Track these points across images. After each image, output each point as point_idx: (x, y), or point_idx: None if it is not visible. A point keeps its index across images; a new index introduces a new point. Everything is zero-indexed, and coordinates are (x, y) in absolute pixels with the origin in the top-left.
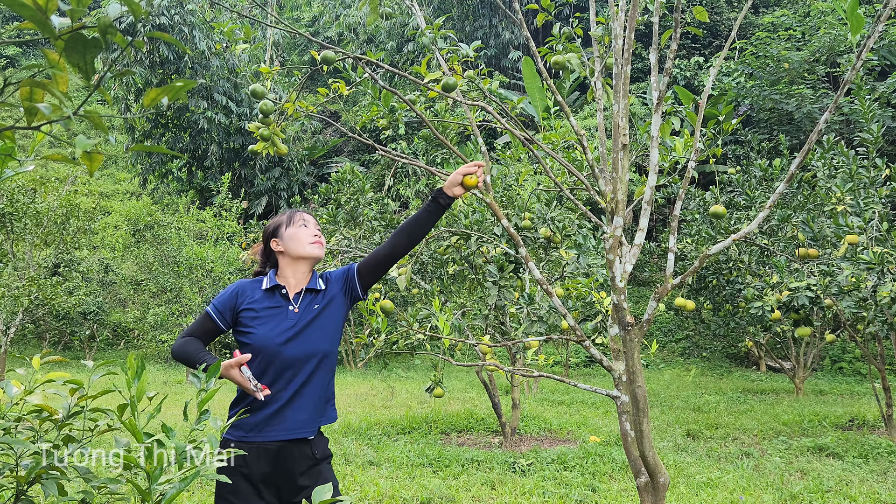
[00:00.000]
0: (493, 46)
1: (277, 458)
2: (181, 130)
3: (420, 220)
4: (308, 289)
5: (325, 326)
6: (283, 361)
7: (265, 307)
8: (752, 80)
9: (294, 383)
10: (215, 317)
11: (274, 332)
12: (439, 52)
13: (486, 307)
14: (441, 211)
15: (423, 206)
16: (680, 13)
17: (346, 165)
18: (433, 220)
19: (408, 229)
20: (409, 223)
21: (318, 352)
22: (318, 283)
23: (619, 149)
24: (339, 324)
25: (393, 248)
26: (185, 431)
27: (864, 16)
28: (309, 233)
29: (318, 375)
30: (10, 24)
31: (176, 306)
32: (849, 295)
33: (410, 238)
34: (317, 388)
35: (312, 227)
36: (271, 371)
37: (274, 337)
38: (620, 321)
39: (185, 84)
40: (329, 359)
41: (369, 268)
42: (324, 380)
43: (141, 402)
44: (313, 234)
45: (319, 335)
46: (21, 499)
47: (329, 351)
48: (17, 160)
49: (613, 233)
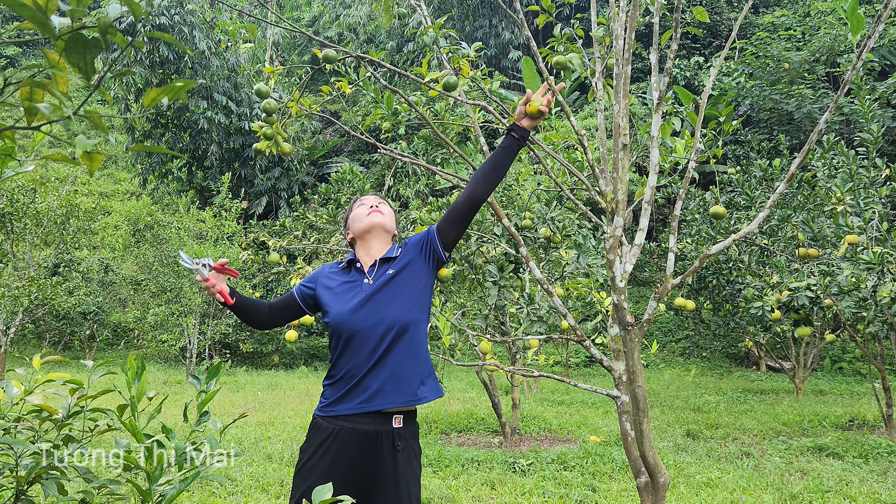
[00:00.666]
0: (493, 46)
1: (360, 440)
2: (181, 130)
3: (498, 159)
4: (383, 258)
5: (402, 292)
6: (356, 333)
7: (340, 283)
8: (752, 80)
9: (374, 355)
10: (296, 295)
11: (347, 306)
12: (441, 51)
13: (486, 307)
14: (517, 146)
15: (500, 144)
16: (680, 13)
17: (346, 165)
18: (510, 158)
19: (484, 172)
20: (485, 166)
21: (393, 319)
22: (395, 251)
23: (620, 149)
24: (420, 289)
25: (471, 196)
26: (185, 432)
27: (864, 16)
28: (365, 208)
29: (400, 345)
30: (10, 24)
31: (176, 306)
32: (849, 295)
33: (487, 182)
34: (401, 358)
35: (370, 202)
36: (351, 347)
37: (346, 310)
38: (620, 321)
39: (185, 84)
40: (412, 328)
41: (449, 223)
42: (409, 350)
43: (141, 402)
44: (370, 206)
45: (395, 302)
46: (21, 499)
47: (409, 319)
48: (17, 160)
49: (613, 233)
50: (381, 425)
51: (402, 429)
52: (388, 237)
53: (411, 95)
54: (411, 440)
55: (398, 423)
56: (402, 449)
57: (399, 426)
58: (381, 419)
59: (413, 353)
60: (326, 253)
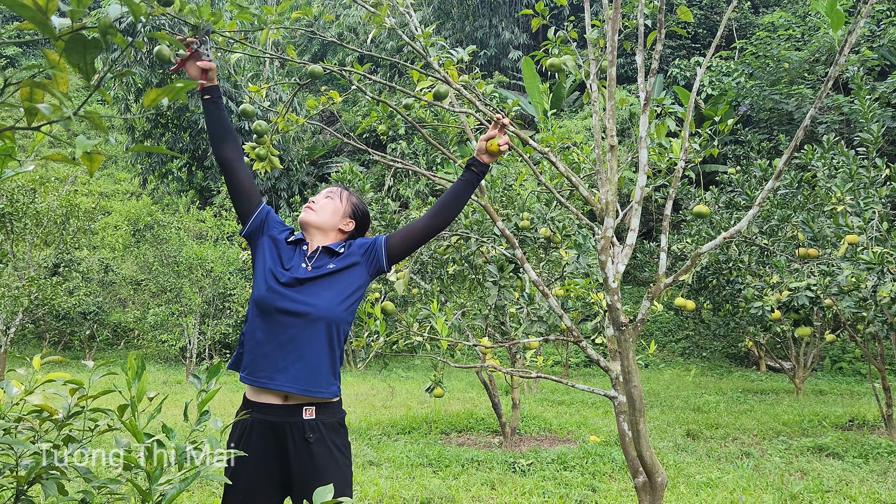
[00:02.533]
0: (493, 46)
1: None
2: (181, 130)
3: (458, 192)
4: (325, 248)
5: (336, 288)
6: (282, 311)
7: (283, 248)
8: (752, 80)
9: (292, 339)
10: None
11: (279, 280)
12: (432, 58)
13: (486, 307)
14: (476, 180)
15: (460, 177)
16: (662, 14)
17: (346, 165)
18: (470, 191)
19: (444, 204)
20: (445, 198)
21: (322, 311)
22: (340, 246)
23: (607, 150)
24: (353, 290)
25: (429, 226)
26: (186, 432)
27: (843, 11)
28: (309, 200)
29: (318, 338)
30: (10, 24)
31: (176, 306)
32: (849, 295)
33: (446, 214)
34: (317, 351)
35: (319, 195)
36: (272, 321)
37: (277, 285)
38: (614, 322)
39: (185, 84)
40: (338, 325)
41: (402, 242)
42: (324, 346)
43: (141, 402)
44: (309, 201)
45: (328, 295)
46: (21, 499)
47: (338, 315)
48: (17, 160)
49: (605, 234)
50: (290, 417)
51: (313, 420)
52: (328, 232)
53: (407, 99)
54: (329, 433)
55: (309, 415)
56: (316, 441)
57: (310, 418)
58: (289, 411)
59: (329, 349)
60: None
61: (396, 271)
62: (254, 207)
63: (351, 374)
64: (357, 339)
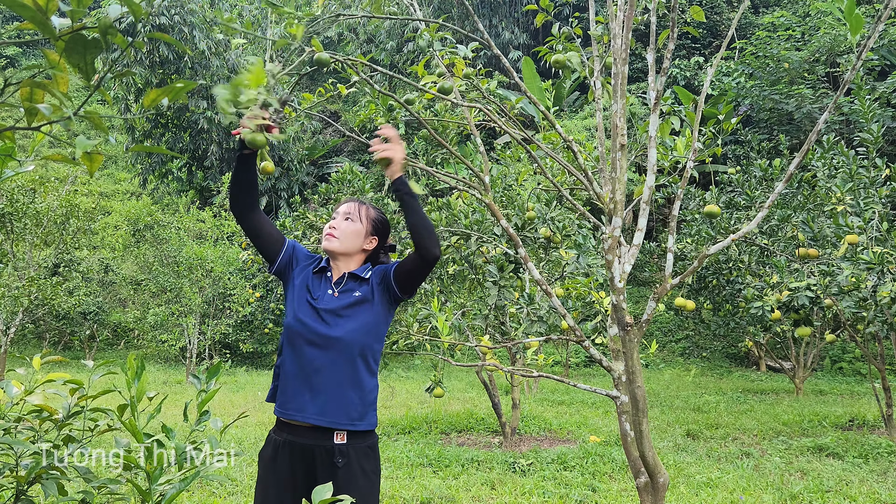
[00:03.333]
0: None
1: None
2: (181, 130)
3: (409, 219)
4: (352, 274)
5: (364, 316)
6: (314, 338)
7: (311, 277)
8: (752, 80)
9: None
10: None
11: (311, 308)
12: (437, 53)
13: (486, 307)
14: (403, 196)
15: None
16: (677, 13)
17: (346, 165)
18: (413, 209)
19: (415, 237)
20: (411, 231)
21: (352, 339)
22: (365, 271)
23: (618, 149)
24: (380, 316)
25: (419, 257)
26: (185, 432)
27: (863, 16)
28: (329, 226)
29: (348, 367)
30: (10, 24)
31: (176, 306)
32: (849, 295)
33: (425, 241)
34: (344, 380)
35: (338, 217)
36: (305, 349)
37: (309, 312)
38: (619, 321)
39: (185, 85)
40: (367, 353)
41: (406, 278)
42: (354, 375)
43: (141, 402)
44: (329, 226)
45: (356, 323)
46: (21, 499)
47: (366, 344)
48: (17, 160)
49: (612, 233)
50: (320, 440)
51: (344, 445)
52: (354, 255)
53: (409, 95)
54: (359, 457)
55: (340, 440)
56: (344, 465)
57: (341, 442)
58: (319, 434)
59: (360, 378)
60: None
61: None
62: (280, 248)
63: None
64: None
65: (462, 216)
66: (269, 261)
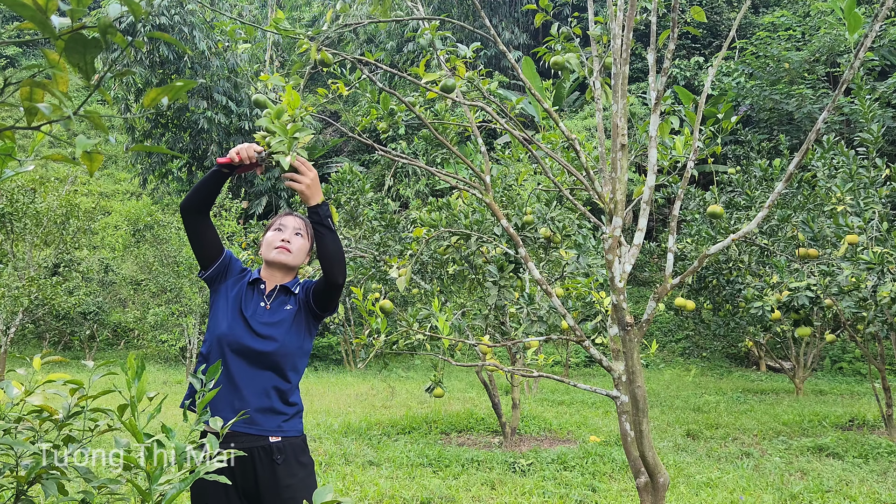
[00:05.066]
0: (493, 46)
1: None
2: (181, 130)
3: (321, 246)
4: (283, 286)
5: (293, 328)
6: (245, 349)
7: (242, 291)
8: (752, 80)
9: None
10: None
11: (240, 319)
12: (438, 52)
13: (486, 307)
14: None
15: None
16: (678, 13)
17: (346, 165)
18: (328, 237)
19: (325, 263)
20: (320, 258)
21: (278, 349)
22: (295, 285)
23: (618, 149)
24: (307, 328)
25: (325, 282)
26: (185, 432)
27: (861, 15)
28: (278, 237)
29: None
30: (10, 24)
31: (176, 306)
32: (849, 295)
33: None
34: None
35: (288, 231)
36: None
37: (240, 323)
38: (620, 321)
39: (185, 84)
40: (297, 362)
41: (319, 297)
42: (280, 383)
43: (141, 402)
44: (281, 239)
45: (283, 334)
46: (21, 499)
47: (290, 353)
48: (17, 160)
49: (612, 233)
50: (256, 442)
51: (280, 443)
52: (293, 271)
53: (409, 96)
54: (295, 451)
55: (276, 439)
56: (283, 461)
57: (277, 440)
58: (255, 438)
59: (286, 386)
60: None
61: (399, 267)
62: (218, 254)
63: (351, 374)
64: (357, 338)
65: (462, 216)
66: (203, 266)
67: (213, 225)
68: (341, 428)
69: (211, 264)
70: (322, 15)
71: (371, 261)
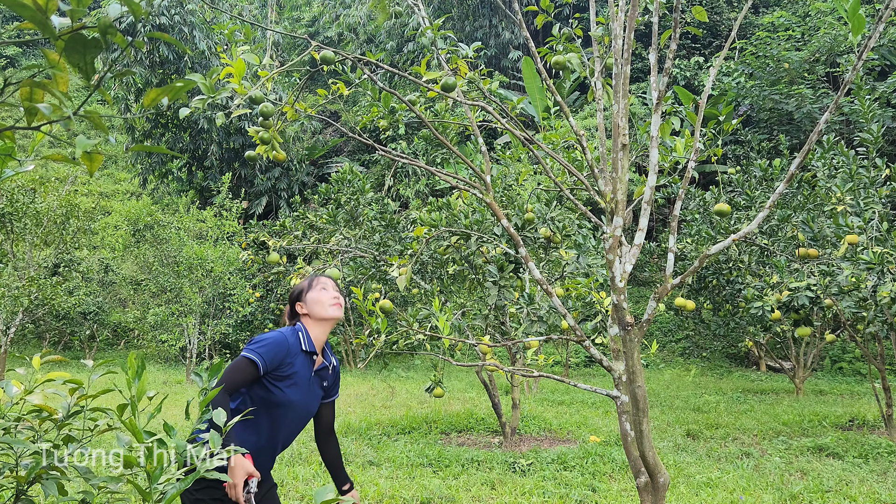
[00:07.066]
0: (493, 46)
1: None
2: (181, 130)
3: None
4: (325, 365)
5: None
6: (292, 420)
7: (299, 372)
8: (752, 80)
9: (291, 437)
10: (261, 367)
11: (296, 397)
12: (439, 52)
13: (486, 307)
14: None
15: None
16: (679, 13)
17: (346, 165)
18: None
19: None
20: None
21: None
22: (332, 359)
23: (619, 149)
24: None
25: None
26: (186, 431)
27: (864, 16)
28: (329, 295)
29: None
30: (10, 24)
31: (176, 306)
32: (849, 295)
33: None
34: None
35: (332, 289)
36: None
37: (296, 401)
38: (620, 321)
39: (185, 84)
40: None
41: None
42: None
43: (141, 401)
44: (333, 297)
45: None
46: (21, 499)
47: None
48: (17, 160)
49: (613, 233)
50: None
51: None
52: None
53: (410, 95)
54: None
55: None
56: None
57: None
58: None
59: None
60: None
61: (399, 266)
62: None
63: (351, 374)
64: (357, 338)
65: (462, 216)
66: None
67: (242, 386)
68: (341, 428)
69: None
70: (322, 15)
71: (371, 261)
